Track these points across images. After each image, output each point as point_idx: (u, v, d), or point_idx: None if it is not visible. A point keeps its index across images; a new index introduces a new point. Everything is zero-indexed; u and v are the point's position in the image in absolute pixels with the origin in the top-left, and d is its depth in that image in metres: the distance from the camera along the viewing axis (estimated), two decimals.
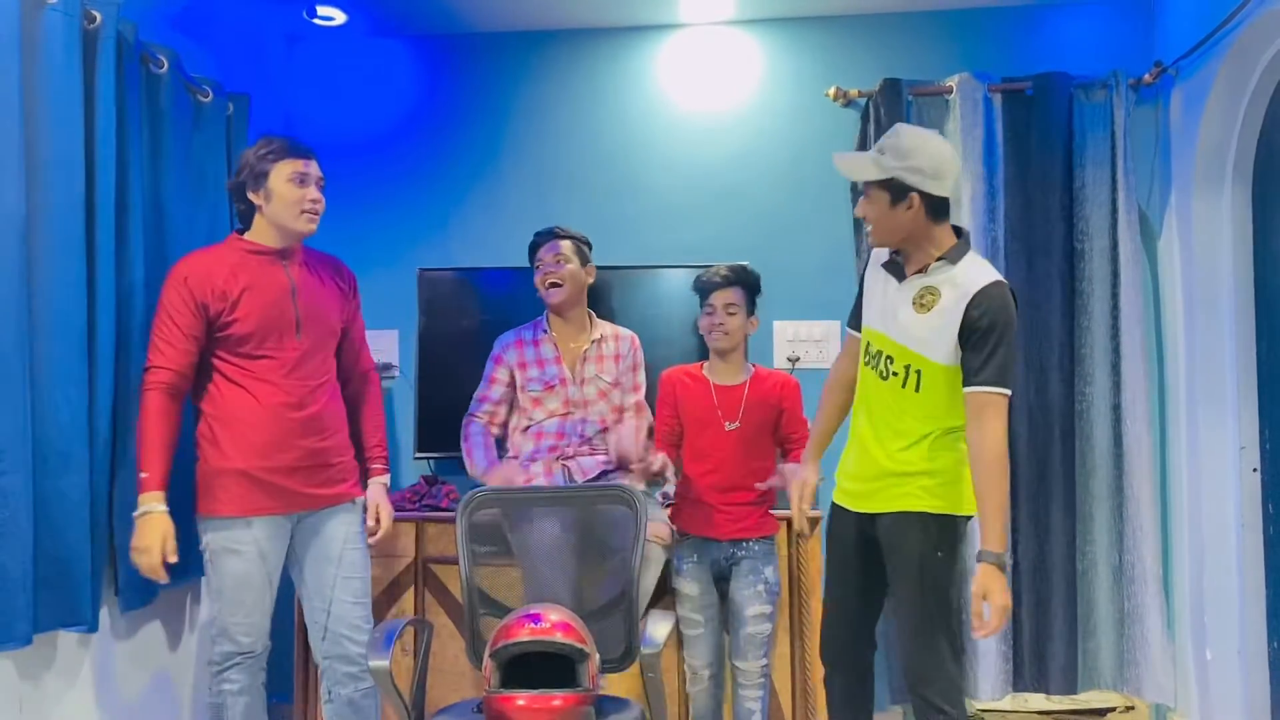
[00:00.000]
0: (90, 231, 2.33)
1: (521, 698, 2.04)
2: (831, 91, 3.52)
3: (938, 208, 2.23)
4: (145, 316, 2.49)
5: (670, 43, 3.66)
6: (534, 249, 2.97)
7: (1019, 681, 3.26)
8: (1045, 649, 3.25)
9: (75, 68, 2.26)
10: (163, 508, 2.30)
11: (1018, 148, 3.34)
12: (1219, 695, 3.06)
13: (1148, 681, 3.17)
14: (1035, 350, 3.29)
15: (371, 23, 3.62)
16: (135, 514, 2.30)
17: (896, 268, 2.32)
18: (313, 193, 2.47)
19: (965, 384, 2.19)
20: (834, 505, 2.47)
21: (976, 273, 2.22)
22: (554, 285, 2.89)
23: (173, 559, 2.32)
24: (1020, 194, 3.33)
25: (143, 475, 2.30)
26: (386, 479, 2.72)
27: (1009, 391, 2.19)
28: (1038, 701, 3.41)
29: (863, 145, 3.43)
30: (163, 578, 2.33)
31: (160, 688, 2.77)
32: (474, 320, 3.43)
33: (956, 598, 2.29)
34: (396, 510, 2.85)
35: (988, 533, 2.16)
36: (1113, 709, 3.41)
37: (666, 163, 3.63)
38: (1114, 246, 3.26)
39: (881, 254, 2.37)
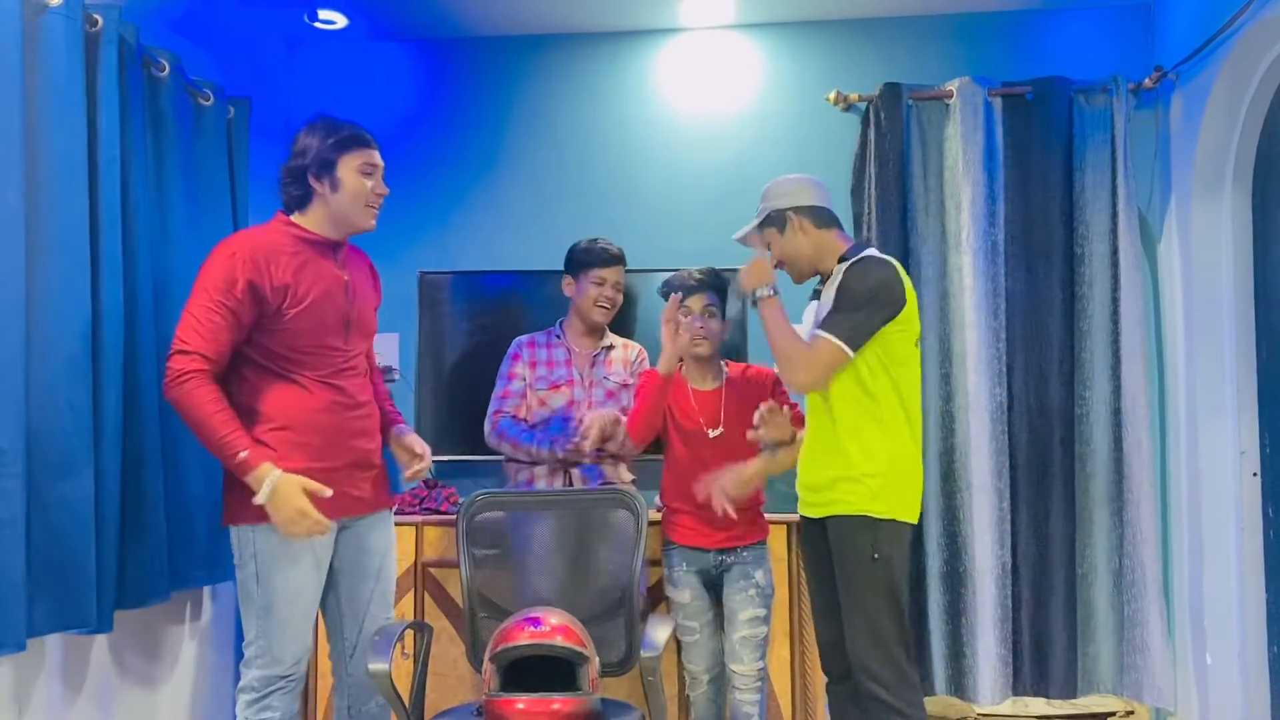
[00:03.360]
0: (94, 235, 2.32)
1: (521, 701, 2.05)
2: (832, 96, 3.52)
3: (819, 214, 2.46)
4: (151, 318, 2.49)
5: (670, 47, 3.66)
6: (595, 262, 2.93)
7: (1019, 686, 3.25)
8: (1045, 653, 3.24)
9: (78, 71, 2.26)
10: (280, 470, 2.14)
11: (1018, 152, 3.34)
12: (1219, 699, 3.05)
13: (1148, 685, 3.17)
14: (1035, 354, 3.30)
15: (372, 26, 3.63)
16: (260, 496, 2.13)
17: (819, 294, 2.52)
18: (380, 185, 2.36)
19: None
20: (801, 517, 2.52)
21: (860, 253, 2.41)
22: (603, 308, 2.95)
23: (327, 493, 2.18)
24: (1020, 198, 3.33)
25: (242, 455, 2.13)
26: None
27: (843, 345, 2.27)
28: (1038, 706, 3.40)
29: (863, 150, 3.43)
30: (326, 527, 2.19)
31: (161, 691, 2.77)
32: (475, 323, 3.43)
33: (902, 597, 2.32)
34: (395, 513, 2.81)
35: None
36: (1113, 713, 3.40)
37: (666, 167, 3.63)
38: (1114, 251, 3.26)
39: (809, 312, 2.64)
